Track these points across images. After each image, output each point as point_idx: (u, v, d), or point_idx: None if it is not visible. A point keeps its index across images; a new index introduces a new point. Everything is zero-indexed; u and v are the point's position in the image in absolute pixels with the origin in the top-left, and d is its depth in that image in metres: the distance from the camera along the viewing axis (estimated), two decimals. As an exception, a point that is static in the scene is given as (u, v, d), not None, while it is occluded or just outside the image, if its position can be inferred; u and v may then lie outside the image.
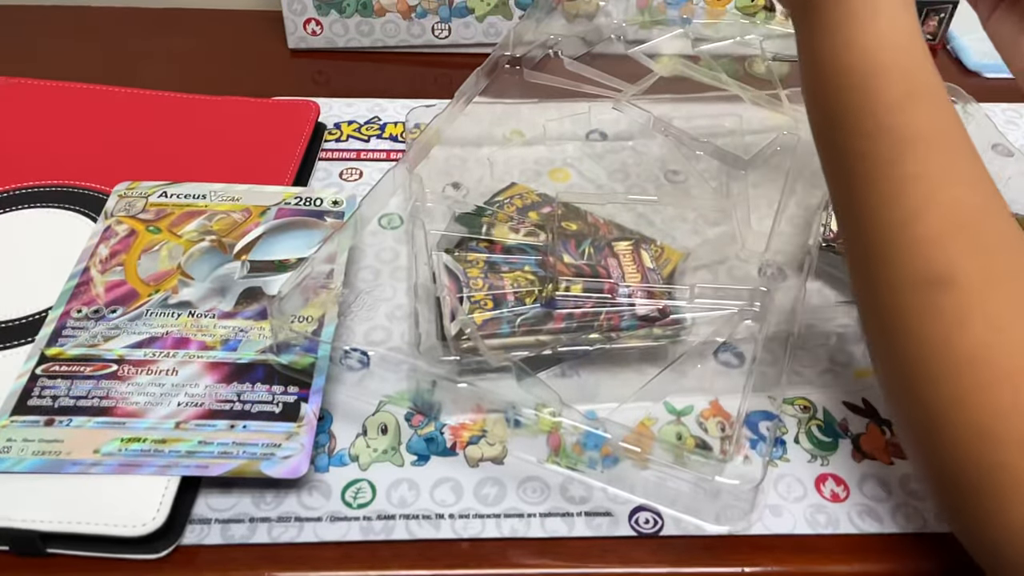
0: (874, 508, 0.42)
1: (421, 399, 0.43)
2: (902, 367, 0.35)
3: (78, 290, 0.47)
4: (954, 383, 0.33)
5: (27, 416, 0.41)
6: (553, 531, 0.40)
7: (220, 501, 0.40)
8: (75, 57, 0.71)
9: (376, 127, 0.65)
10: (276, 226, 0.52)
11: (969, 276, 0.33)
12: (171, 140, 0.60)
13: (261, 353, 0.44)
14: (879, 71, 0.36)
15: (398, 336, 0.48)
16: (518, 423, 0.40)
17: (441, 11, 0.71)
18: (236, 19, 0.78)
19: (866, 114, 0.36)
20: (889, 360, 0.36)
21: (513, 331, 0.45)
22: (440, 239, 0.52)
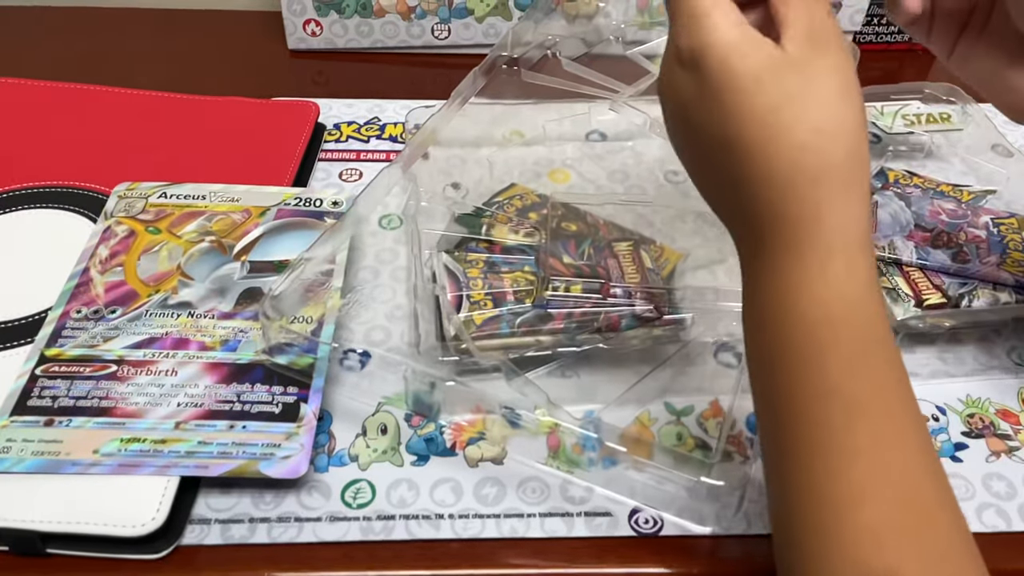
0: (873, 508, 0.42)
1: (420, 399, 0.43)
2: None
3: (78, 290, 0.47)
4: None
5: (27, 416, 0.41)
6: (552, 531, 0.40)
7: (220, 501, 0.40)
8: (75, 57, 0.71)
9: (376, 128, 0.65)
10: (276, 227, 0.52)
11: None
12: (171, 140, 0.60)
13: (260, 354, 0.44)
14: (832, 323, 0.31)
15: (398, 336, 0.48)
16: (516, 423, 0.40)
17: (441, 12, 0.71)
18: (236, 19, 0.78)
19: (816, 372, 0.31)
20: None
21: (512, 331, 0.45)
22: (440, 239, 0.52)
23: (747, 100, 0.32)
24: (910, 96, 0.65)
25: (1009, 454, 0.45)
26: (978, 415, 0.47)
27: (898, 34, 0.78)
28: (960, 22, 0.43)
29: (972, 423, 0.46)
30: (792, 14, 0.33)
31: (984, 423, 0.46)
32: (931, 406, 0.47)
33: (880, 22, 0.77)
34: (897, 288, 0.49)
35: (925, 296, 0.48)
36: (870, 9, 0.75)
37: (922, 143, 0.64)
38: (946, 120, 0.65)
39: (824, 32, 0.33)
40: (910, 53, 0.79)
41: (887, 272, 0.50)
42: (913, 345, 0.50)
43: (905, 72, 0.77)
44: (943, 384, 0.48)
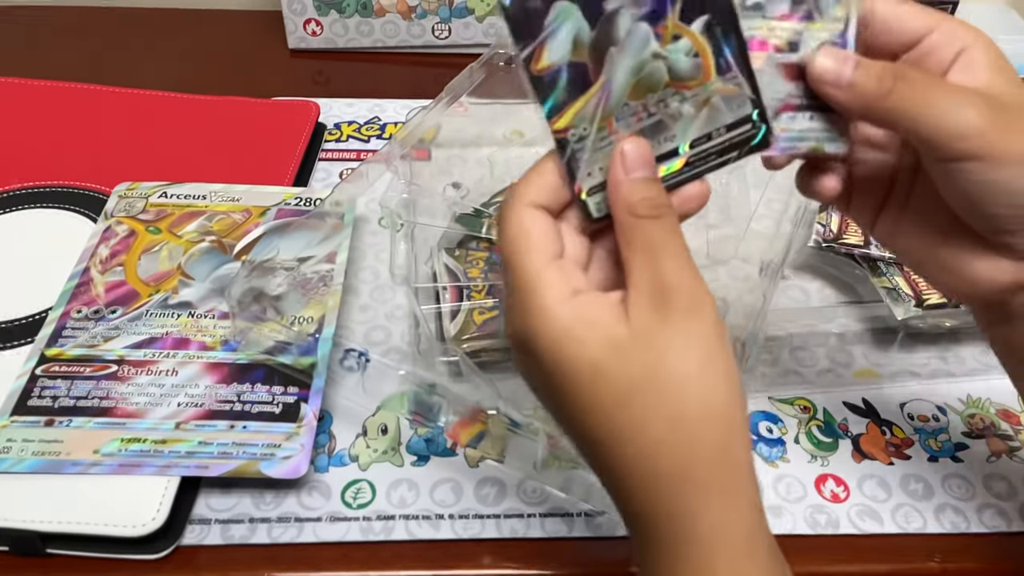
0: (874, 508, 0.42)
1: (420, 400, 0.43)
2: None
3: (78, 290, 0.47)
4: None
5: (27, 416, 0.41)
6: (553, 531, 0.40)
7: (220, 501, 0.40)
8: (75, 57, 0.71)
9: (376, 127, 0.65)
10: (276, 226, 0.52)
11: None
12: (171, 140, 0.60)
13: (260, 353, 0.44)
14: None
15: (398, 336, 0.48)
16: (516, 424, 0.40)
17: (441, 11, 0.71)
18: (236, 19, 0.78)
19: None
20: None
21: (513, 331, 0.45)
22: (440, 238, 0.52)
23: (588, 393, 0.28)
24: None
25: (1010, 454, 0.45)
26: (979, 415, 0.47)
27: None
28: (879, 195, 0.35)
29: (973, 423, 0.46)
30: (635, 270, 0.29)
31: (985, 423, 0.46)
32: (931, 406, 0.47)
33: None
34: (897, 288, 0.49)
35: (925, 296, 0.48)
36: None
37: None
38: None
39: (676, 291, 0.28)
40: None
41: (887, 272, 0.50)
42: (914, 345, 0.50)
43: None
44: (944, 384, 0.48)
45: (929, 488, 0.43)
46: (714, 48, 0.29)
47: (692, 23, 0.29)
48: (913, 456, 0.44)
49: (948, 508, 0.42)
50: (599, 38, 0.28)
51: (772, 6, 0.30)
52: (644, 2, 0.28)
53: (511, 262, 0.29)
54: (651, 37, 0.29)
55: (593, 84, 0.29)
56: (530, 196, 0.30)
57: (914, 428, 0.46)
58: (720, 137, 0.31)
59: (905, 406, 0.47)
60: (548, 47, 0.28)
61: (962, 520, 0.41)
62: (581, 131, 0.30)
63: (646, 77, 0.29)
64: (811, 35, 0.31)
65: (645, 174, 0.30)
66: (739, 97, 0.30)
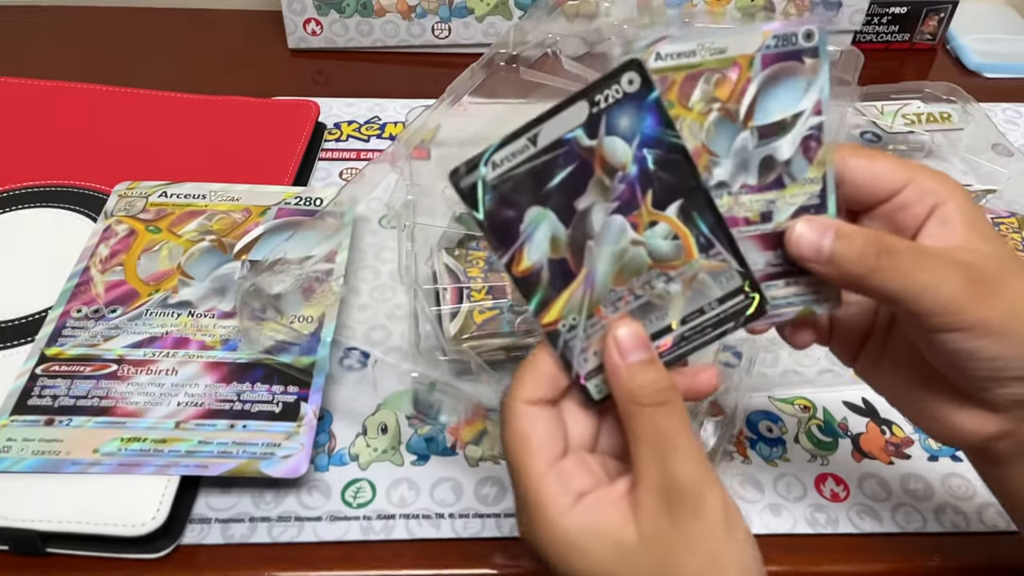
0: (874, 508, 0.42)
1: (420, 399, 0.43)
2: None
3: (78, 290, 0.47)
4: None
5: (27, 416, 0.41)
6: (553, 531, 0.40)
7: (220, 501, 0.40)
8: (75, 57, 0.71)
9: (376, 127, 0.65)
10: (276, 226, 0.52)
11: None
12: (171, 140, 0.60)
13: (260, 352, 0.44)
14: None
15: (398, 336, 0.48)
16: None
17: (441, 11, 0.71)
18: (236, 19, 0.78)
19: None
20: None
21: (513, 331, 0.45)
22: (440, 237, 0.52)
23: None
24: (910, 95, 0.65)
25: (1009, 453, 0.45)
26: (978, 414, 0.47)
27: (898, 33, 0.78)
28: (858, 338, 0.35)
29: (972, 422, 0.46)
30: (643, 467, 0.28)
31: (984, 422, 0.46)
32: (931, 405, 0.47)
33: (880, 22, 0.77)
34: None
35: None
36: (870, 9, 0.75)
37: (922, 142, 0.64)
38: (946, 119, 0.65)
39: (685, 491, 0.28)
40: (910, 52, 0.79)
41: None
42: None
43: (905, 71, 0.77)
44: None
45: (929, 488, 0.43)
46: (692, 228, 0.29)
47: (666, 209, 0.29)
48: (913, 456, 0.44)
49: (948, 508, 0.42)
50: (575, 235, 0.29)
51: (736, 180, 0.30)
52: (614, 197, 0.29)
53: (513, 467, 0.30)
54: (627, 227, 0.29)
55: (576, 276, 0.29)
56: (527, 392, 0.30)
57: (914, 428, 0.46)
58: (712, 311, 0.31)
59: (905, 406, 0.47)
60: (527, 250, 0.29)
61: (962, 520, 0.41)
62: (571, 321, 0.30)
63: (628, 263, 0.30)
64: (784, 201, 0.30)
65: (643, 356, 0.29)
66: (727, 271, 0.30)
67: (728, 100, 0.29)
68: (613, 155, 0.28)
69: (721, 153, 0.30)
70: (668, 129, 0.28)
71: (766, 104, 0.29)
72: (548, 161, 0.28)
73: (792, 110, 0.30)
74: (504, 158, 0.28)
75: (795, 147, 0.30)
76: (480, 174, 0.28)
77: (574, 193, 0.28)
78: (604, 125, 0.28)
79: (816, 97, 0.29)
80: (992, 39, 0.78)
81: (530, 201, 0.28)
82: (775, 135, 0.30)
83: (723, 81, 0.29)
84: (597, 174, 0.28)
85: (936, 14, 0.77)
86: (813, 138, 0.30)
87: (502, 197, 0.28)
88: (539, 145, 0.28)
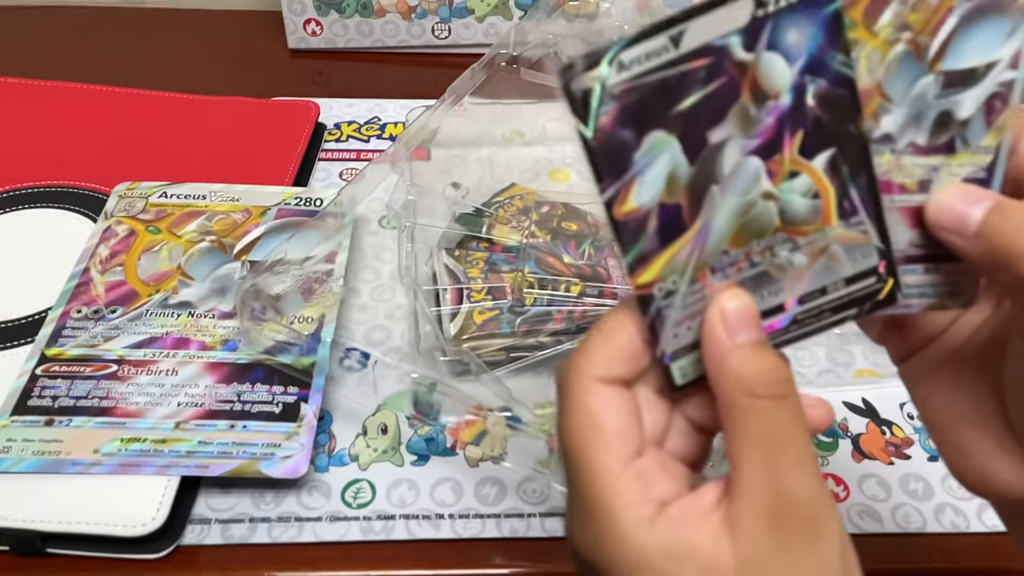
0: (874, 508, 0.42)
1: (420, 399, 0.43)
2: None
3: (78, 290, 0.47)
4: None
5: (27, 416, 0.41)
6: (553, 531, 0.40)
7: (220, 501, 0.40)
8: (75, 57, 0.71)
9: (376, 127, 0.65)
10: (276, 226, 0.52)
11: None
12: (171, 140, 0.60)
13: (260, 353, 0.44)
14: None
15: (398, 336, 0.48)
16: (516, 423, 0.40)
17: (441, 11, 0.71)
18: (236, 19, 0.78)
19: None
20: None
21: (513, 331, 0.45)
22: (440, 238, 0.52)
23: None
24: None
25: (1009, 454, 0.45)
26: (978, 415, 0.47)
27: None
28: (930, 336, 0.29)
29: (972, 423, 0.46)
30: (749, 473, 0.23)
31: (984, 423, 0.46)
32: (931, 406, 0.47)
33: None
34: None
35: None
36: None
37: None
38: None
39: (800, 509, 0.22)
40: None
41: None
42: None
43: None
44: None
45: (929, 488, 0.43)
46: (838, 188, 0.24)
47: (814, 158, 0.24)
48: (913, 456, 0.44)
49: (948, 508, 0.42)
50: (699, 175, 0.23)
51: (904, 136, 0.25)
52: (756, 133, 0.23)
53: (576, 461, 0.24)
54: (763, 174, 0.24)
55: (688, 229, 0.24)
56: (601, 368, 0.24)
57: (914, 428, 0.46)
58: (837, 292, 0.26)
59: (905, 406, 0.47)
60: (636, 187, 0.23)
61: (962, 520, 0.41)
62: (670, 285, 0.24)
63: (752, 220, 0.24)
64: (949, 171, 0.25)
65: (753, 337, 0.24)
66: (865, 246, 0.25)
67: (922, 31, 0.24)
68: (769, 76, 0.23)
69: (896, 98, 0.25)
70: (841, 54, 0.23)
71: (962, 44, 0.24)
72: (687, 72, 0.22)
73: (988, 57, 0.24)
74: (634, 59, 0.22)
75: (978, 105, 0.25)
76: (601, 75, 0.22)
77: (710, 120, 0.23)
78: (767, 35, 0.22)
79: (1018, 45, 0.24)
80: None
81: (655, 122, 0.23)
82: (961, 85, 0.25)
83: (921, 5, 0.24)
84: (743, 100, 0.23)
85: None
86: (1000, 97, 0.25)
87: (623, 111, 0.22)
88: (681, 49, 0.22)
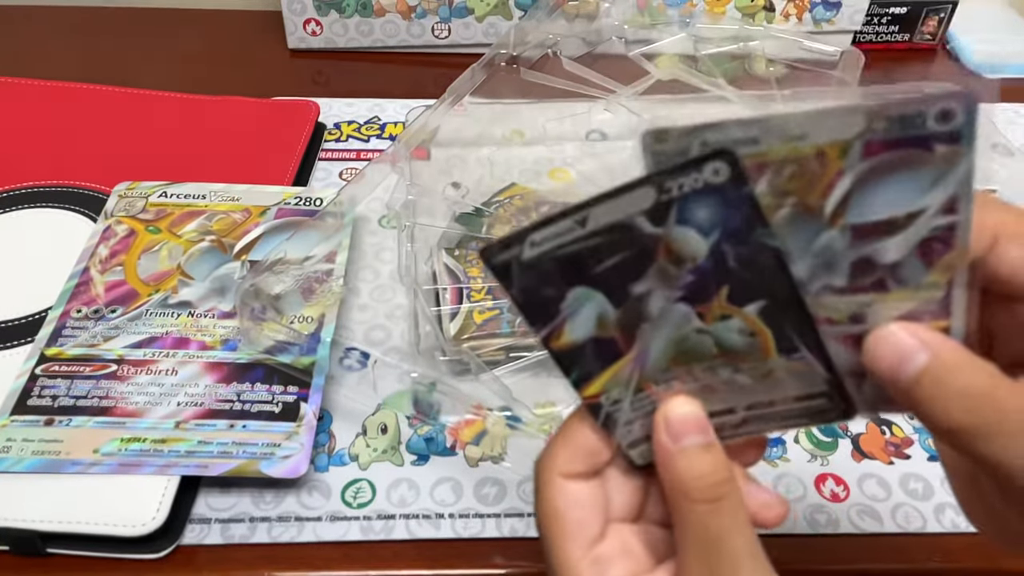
0: (874, 508, 0.42)
1: (420, 399, 0.43)
2: None
3: (78, 290, 0.47)
4: None
5: (27, 416, 0.41)
6: (553, 531, 0.40)
7: (220, 501, 0.40)
8: (75, 57, 0.71)
9: (376, 127, 0.65)
10: (276, 226, 0.52)
11: None
12: (171, 140, 0.60)
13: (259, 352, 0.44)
14: None
15: (398, 336, 0.48)
16: (516, 423, 0.40)
17: (441, 11, 0.71)
18: (236, 19, 0.79)
19: None
20: None
21: (513, 331, 0.45)
22: (440, 238, 0.52)
23: None
24: (911, 96, 0.64)
25: (1009, 454, 0.45)
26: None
27: (898, 33, 0.78)
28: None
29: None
30: (688, 570, 0.25)
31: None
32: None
33: (880, 22, 0.77)
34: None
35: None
36: (870, 9, 0.75)
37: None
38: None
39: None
40: (910, 52, 0.79)
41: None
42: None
43: (905, 72, 0.77)
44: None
45: (929, 488, 0.43)
46: (774, 330, 0.24)
47: (745, 306, 0.24)
48: (913, 456, 0.44)
49: (948, 508, 0.42)
50: (627, 316, 0.24)
51: (815, 282, 0.24)
52: (679, 286, 0.24)
53: (546, 546, 0.27)
54: (692, 316, 0.24)
55: (625, 354, 0.25)
56: (563, 466, 0.27)
57: (914, 428, 0.46)
58: (786, 405, 0.26)
59: (905, 406, 0.47)
60: (569, 327, 0.25)
61: (962, 520, 0.41)
62: (615, 395, 0.26)
63: (690, 350, 0.25)
64: (886, 306, 0.24)
65: (696, 441, 0.25)
66: (810, 374, 0.25)
67: (808, 195, 0.23)
68: (683, 247, 0.23)
69: (796, 253, 0.24)
70: (762, 228, 0.23)
71: (867, 199, 0.23)
72: (598, 244, 0.23)
73: (906, 208, 0.23)
74: (545, 238, 0.24)
75: (908, 249, 0.23)
76: (514, 252, 0.24)
77: (630, 277, 0.24)
78: (675, 214, 0.23)
79: (949, 193, 0.22)
80: (992, 39, 0.78)
81: (576, 281, 0.24)
82: (878, 236, 0.23)
83: (800, 173, 0.23)
84: (660, 261, 0.24)
85: (936, 14, 0.77)
86: (938, 240, 0.23)
87: (541, 276, 0.24)
88: (588, 228, 0.23)
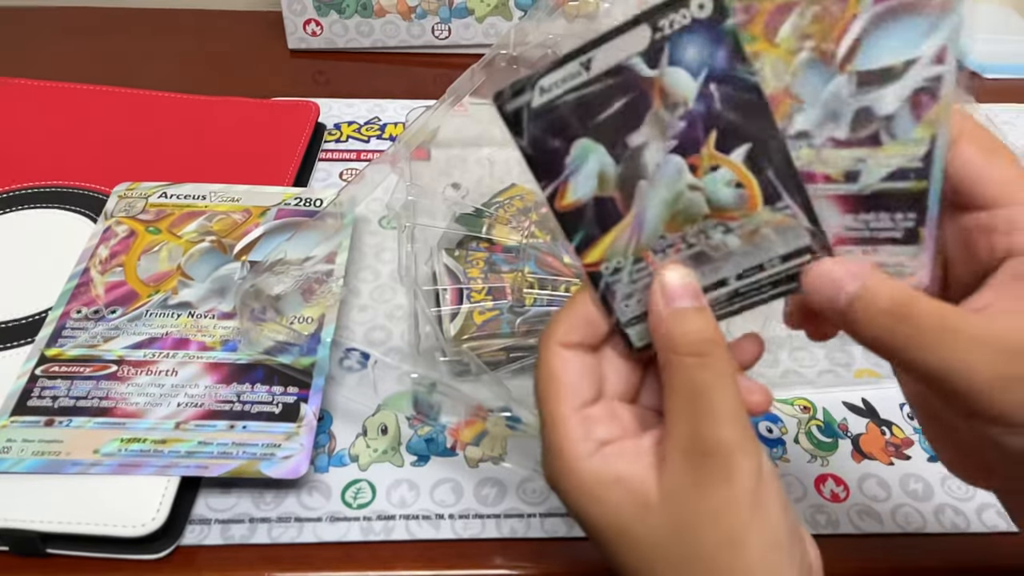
0: (874, 508, 0.42)
1: (420, 400, 0.43)
2: None
3: (78, 291, 0.47)
4: None
5: (27, 416, 0.41)
6: (553, 531, 0.40)
7: (220, 501, 0.40)
8: (75, 57, 0.71)
9: (376, 127, 0.65)
10: (276, 227, 0.52)
11: None
12: (171, 140, 0.60)
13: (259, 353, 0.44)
14: None
15: (398, 336, 0.48)
16: (516, 424, 0.40)
17: (441, 12, 0.71)
18: (236, 19, 0.79)
19: None
20: None
21: (513, 331, 0.45)
22: (440, 238, 0.52)
23: (613, 548, 0.27)
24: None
25: (1009, 454, 0.45)
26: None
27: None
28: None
29: (972, 423, 0.46)
30: (674, 420, 0.26)
31: (984, 423, 0.46)
32: (931, 406, 0.47)
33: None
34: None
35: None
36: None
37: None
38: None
39: (715, 451, 0.25)
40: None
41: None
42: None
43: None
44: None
45: (929, 488, 0.43)
46: (759, 177, 0.26)
47: (731, 152, 0.26)
48: (913, 456, 0.44)
49: (948, 508, 0.42)
50: (626, 173, 0.26)
51: (821, 132, 0.26)
52: (673, 135, 0.26)
53: (540, 408, 0.28)
54: (684, 169, 0.26)
55: (624, 218, 0.27)
56: (562, 334, 0.28)
57: (914, 428, 0.46)
58: (774, 268, 0.27)
59: (905, 406, 0.47)
60: (572, 184, 0.27)
61: (962, 520, 0.41)
62: (615, 264, 0.28)
63: (683, 209, 0.27)
64: (877, 162, 0.26)
65: (688, 304, 0.27)
66: (794, 228, 0.27)
67: (824, 39, 0.25)
68: (675, 88, 0.25)
69: (808, 99, 0.25)
70: (742, 65, 0.25)
71: (873, 45, 0.25)
72: (601, 90, 0.25)
73: (904, 55, 0.25)
74: (553, 83, 0.25)
75: (902, 100, 0.25)
76: (525, 99, 0.25)
77: (628, 127, 0.26)
78: (667, 54, 0.25)
79: (940, 42, 0.24)
80: (992, 39, 0.78)
81: (578, 132, 0.26)
82: (878, 83, 0.25)
83: (822, 16, 0.24)
84: (655, 108, 0.25)
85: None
86: (926, 91, 0.25)
87: (548, 125, 0.26)
88: (592, 72, 0.25)
